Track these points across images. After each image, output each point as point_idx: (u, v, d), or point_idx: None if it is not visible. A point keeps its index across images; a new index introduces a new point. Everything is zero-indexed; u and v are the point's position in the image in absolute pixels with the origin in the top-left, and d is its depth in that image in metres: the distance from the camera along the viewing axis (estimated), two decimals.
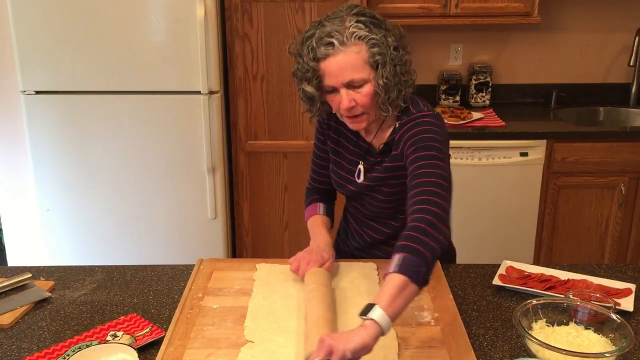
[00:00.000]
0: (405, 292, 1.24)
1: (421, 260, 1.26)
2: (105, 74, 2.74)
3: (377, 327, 1.19)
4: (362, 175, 1.67)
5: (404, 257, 1.27)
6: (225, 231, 2.98)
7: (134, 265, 1.78)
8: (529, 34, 3.45)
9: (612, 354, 1.25)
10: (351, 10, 1.50)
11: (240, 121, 2.98)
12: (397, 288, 1.23)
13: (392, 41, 1.49)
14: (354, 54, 1.46)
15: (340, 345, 1.15)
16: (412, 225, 1.32)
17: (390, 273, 1.26)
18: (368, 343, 1.18)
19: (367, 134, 1.67)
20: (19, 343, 1.42)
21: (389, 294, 1.23)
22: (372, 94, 1.49)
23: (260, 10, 2.83)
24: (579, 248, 3.18)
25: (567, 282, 1.63)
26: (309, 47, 1.48)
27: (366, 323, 1.20)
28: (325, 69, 1.48)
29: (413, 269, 1.25)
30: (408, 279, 1.24)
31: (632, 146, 3.01)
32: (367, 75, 1.48)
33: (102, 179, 2.88)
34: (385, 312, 1.20)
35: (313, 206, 1.83)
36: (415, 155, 1.47)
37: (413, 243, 1.28)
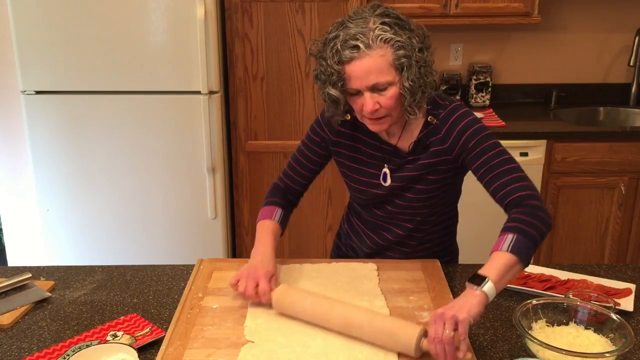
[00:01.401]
0: (513, 270, 1.35)
1: (530, 242, 1.36)
2: (105, 74, 2.74)
3: (485, 297, 1.29)
4: (389, 177, 1.64)
5: (516, 237, 1.36)
6: (225, 231, 2.98)
7: (134, 265, 1.78)
8: (529, 34, 3.45)
9: (612, 354, 1.25)
10: (374, 11, 1.46)
11: (240, 121, 2.98)
12: (506, 266, 1.33)
13: (417, 42, 1.46)
14: (380, 57, 1.42)
15: (464, 313, 1.24)
16: (522, 210, 1.41)
17: (501, 251, 1.35)
18: (482, 311, 1.29)
19: (390, 137, 1.64)
20: (19, 343, 1.42)
21: (500, 270, 1.32)
22: (397, 97, 1.47)
23: (260, 10, 2.83)
24: (578, 248, 3.18)
25: (567, 282, 1.63)
26: (334, 50, 1.44)
27: (478, 294, 1.29)
28: (350, 72, 1.44)
29: (523, 250, 1.35)
30: (517, 259, 1.34)
31: (632, 146, 3.01)
32: (392, 78, 1.44)
33: (102, 179, 2.88)
34: (494, 285, 1.31)
35: (270, 209, 1.76)
36: (480, 149, 1.52)
37: (524, 225, 1.37)
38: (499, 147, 1.52)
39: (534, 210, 1.41)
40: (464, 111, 1.57)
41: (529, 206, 1.42)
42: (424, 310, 1.49)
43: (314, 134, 1.73)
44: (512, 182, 1.47)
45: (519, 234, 1.36)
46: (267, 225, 1.71)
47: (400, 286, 1.60)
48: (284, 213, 1.76)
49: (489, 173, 1.50)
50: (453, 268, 1.75)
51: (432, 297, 1.55)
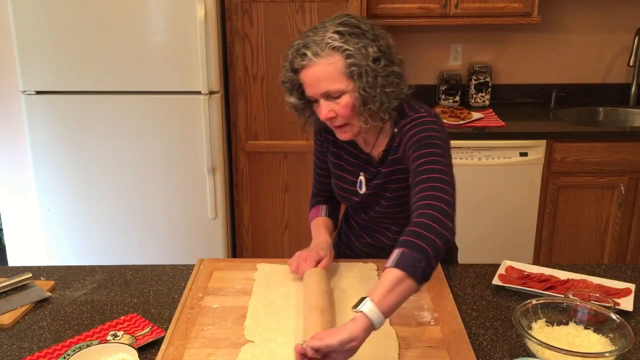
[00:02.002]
0: (401, 287, 1.22)
1: (421, 256, 1.24)
2: (105, 74, 2.74)
3: (366, 320, 1.19)
4: (364, 186, 1.67)
5: (402, 252, 1.25)
6: (225, 231, 2.98)
7: (134, 265, 1.78)
8: (529, 34, 3.45)
9: (611, 353, 1.25)
10: (337, 20, 1.48)
11: (240, 121, 2.98)
12: (391, 283, 1.22)
13: (373, 52, 1.45)
14: (328, 65, 1.44)
15: (329, 337, 1.16)
16: (415, 221, 1.31)
17: (388, 267, 1.25)
18: (357, 335, 1.17)
19: (366, 145, 1.66)
20: (19, 343, 1.43)
21: (383, 288, 1.22)
22: (351, 105, 1.47)
23: (260, 10, 2.83)
24: (578, 248, 3.18)
25: (566, 282, 1.63)
26: (288, 58, 1.50)
27: (357, 316, 1.20)
28: (304, 80, 1.48)
29: (411, 264, 1.23)
30: (405, 274, 1.22)
31: (631, 146, 3.01)
32: (344, 86, 1.45)
33: (102, 179, 2.88)
34: (376, 306, 1.20)
35: (316, 208, 1.84)
36: (417, 154, 1.46)
37: (414, 238, 1.26)
38: (436, 156, 1.44)
39: (429, 221, 1.29)
40: (423, 120, 1.53)
41: (426, 216, 1.30)
42: (424, 310, 1.49)
43: (315, 144, 1.79)
44: (423, 191, 1.37)
45: (407, 247, 1.25)
46: (317, 221, 1.80)
47: None
48: (330, 207, 1.84)
49: (413, 179, 1.43)
50: (453, 268, 1.75)
51: (432, 297, 1.55)
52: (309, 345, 1.15)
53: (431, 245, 1.26)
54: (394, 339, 1.37)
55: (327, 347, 1.15)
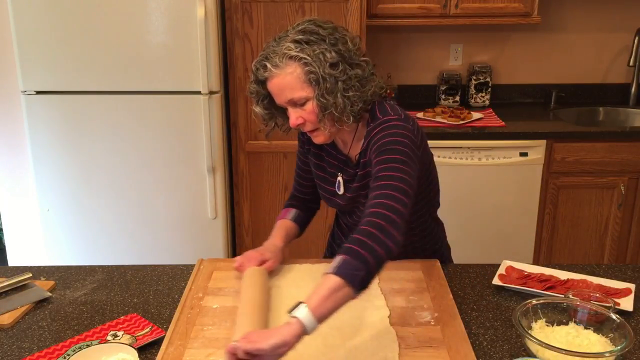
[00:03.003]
0: (339, 294, 1.22)
1: (361, 264, 1.23)
2: (105, 74, 2.74)
3: (300, 326, 1.19)
4: (342, 187, 1.67)
5: (344, 259, 1.24)
6: (225, 231, 2.98)
7: (134, 265, 1.78)
8: (529, 34, 3.45)
9: (611, 353, 1.25)
10: (298, 27, 1.49)
11: (240, 121, 2.98)
12: (330, 289, 1.22)
13: (331, 57, 1.45)
14: (288, 74, 1.46)
15: (261, 340, 1.16)
16: (361, 229, 1.29)
17: (327, 274, 1.24)
18: (288, 341, 1.18)
19: (344, 146, 1.66)
20: (19, 343, 1.43)
21: (321, 294, 1.21)
22: (315, 112, 1.49)
23: (260, 11, 2.83)
24: (578, 248, 3.18)
25: (566, 282, 1.63)
26: (252, 70, 1.52)
27: (291, 321, 1.20)
28: (270, 90, 1.51)
29: (351, 272, 1.23)
30: (344, 282, 1.22)
31: (631, 146, 3.01)
32: (307, 93, 1.47)
33: (102, 179, 2.88)
34: (312, 312, 1.20)
35: (286, 210, 1.85)
36: (378, 159, 1.44)
37: (357, 246, 1.25)
38: (397, 163, 1.41)
39: (374, 230, 1.27)
40: (388, 125, 1.50)
41: (372, 225, 1.28)
42: (424, 310, 1.49)
43: (299, 145, 1.80)
44: (377, 198, 1.35)
45: (349, 255, 1.24)
46: (280, 223, 1.81)
47: (400, 286, 1.60)
48: (300, 212, 1.84)
49: (372, 184, 1.41)
50: (453, 268, 1.75)
51: (432, 297, 1.55)
52: (239, 348, 1.15)
53: (373, 254, 1.25)
54: (394, 339, 1.38)
55: (258, 350, 1.15)
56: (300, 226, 1.84)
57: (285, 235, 1.76)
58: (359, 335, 1.39)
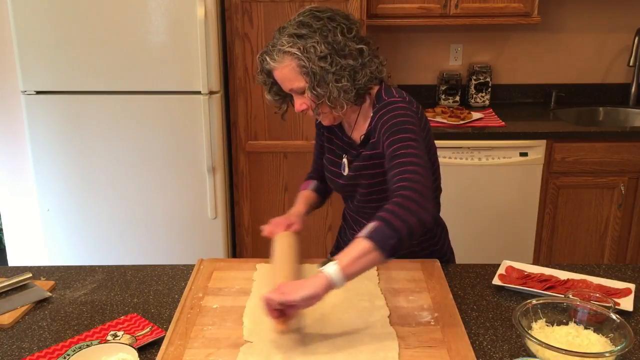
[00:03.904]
0: (368, 257, 1.32)
1: (393, 232, 1.32)
2: (105, 74, 2.74)
3: (328, 280, 1.30)
4: (347, 168, 1.74)
5: (377, 226, 1.33)
6: (225, 231, 2.98)
7: (134, 265, 1.78)
8: (529, 34, 3.45)
9: (611, 353, 1.25)
10: (297, 19, 1.56)
11: (240, 121, 2.98)
12: (360, 252, 1.32)
13: (321, 50, 1.51)
14: (285, 67, 1.55)
15: (292, 292, 1.30)
16: (394, 201, 1.38)
17: (361, 237, 1.33)
18: (318, 293, 1.30)
19: (349, 128, 1.73)
20: (19, 343, 1.43)
21: (352, 255, 1.32)
22: (311, 101, 1.58)
23: (260, 10, 2.83)
24: (578, 248, 3.18)
25: (566, 282, 1.63)
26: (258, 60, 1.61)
27: (320, 275, 1.31)
28: (276, 78, 1.60)
29: (382, 238, 1.32)
30: (374, 246, 1.32)
31: (631, 146, 3.01)
32: (304, 84, 1.56)
33: (102, 179, 2.88)
34: (341, 269, 1.31)
35: (307, 182, 1.95)
36: (390, 140, 1.52)
37: (389, 215, 1.34)
38: (409, 141, 1.50)
39: (405, 201, 1.36)
40: (395, 105, 1.58)
41: (402, 197, 1.37)
42: (424, 310, 1.49)
43: (316, 125, 1.87)
44: (397, 175, 1.44)
45: (382, 222, 1.34)
46: (301, 193, 1.91)
47: (400, 286, 1.60)
48: (318, 183, 1.92)
49: (389, 164, 1.50)
50: (453, 268, 1.75)
51: (432, 297, 1.55)
52: (273, 299, 1.30)
53: (405, 224, 1.33)
54: (394, 339, 1.38)
55: (290, 301, 1.29)
56: (321, 195, 1.93)
57: (307, 204, 1.87)
58: (359, 335, 1.39)
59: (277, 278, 1.49)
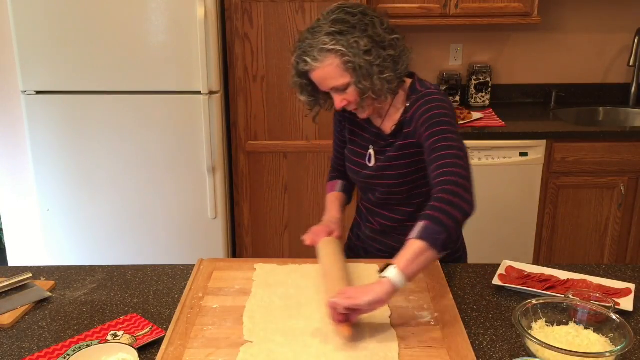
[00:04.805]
0: (424, 256, 1.38)
1: (441, 228, 1.38)
2: (105, 74, 2.74)
3: (391, 285, 1.35)
4: (373, 159, 1.74)
5: (425, 225, 1.39)
6: (225, 231, 2.98)
7: (134, 265, 1.78)
8: (529, 34, 3.45)
9: (611, 353, 1.25)
10: (330, 17, 1.57)
11: (240, 121, 2.98)
12: (415, 253, 1.37)
13: (364, 45, 1.53)
14: (328, 66, 1.55)
15: (358, 296, 1.34)
16: (437, 196, 1.42)
17: (412, 239, 1.38)
18: (382, 298, 1.34)
19: (377, 120, 1.74)
20: (19, 343, 1.43)
21: (407, 257, 1.37)
22: (356, 95, 1.59)
23: (260, 11, 2.83)
24: (578, 248, 3.18)
25: (566, 282, 1.63)
26: (294, 64, 1.62)
27: (382, 280, 1.36)
28: (313, 79, 1.61)
29: (433, 236, 1.37)
30: (427, 245, 1.37)
31: (631, 146, 3.01)
32: (347, 80, 1.57)
33: (102, 179, 2.88)
34: (401, 272, 1.35)
35: (333, 183, 1.95)
36: (430, 132, 1.55)
37: (436, 212, 1.39)
38: (449, 133, 1.54)
39: (448, 195, 1.41)
40: (432, 97, 1.62)
41: (445, 192, 1.43)
42: (424, 310, 1.49)
43: (335, 121, 1.89)
44: (441, 167, 1.48)
45: (429, 221, 1.39)
46: (331, 196, 1.92)
47: None
48: (345, 182, 1.94)
49: (429, 156, 1.53)
50: (453, 268, 1.75)
51: (432, 297, 1.55)
52: (339, 303, 1.33)
53: (452, 218, 1.39)
54: (394, 339, 1.38)
55: (356, 305, 1.33)
56: (348, 194, 1.95)
57: (340, 206, 1.89)
58: (359, 335, 1.39)
59: (331, 284, 1.51)
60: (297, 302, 1.53)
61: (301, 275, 1.67)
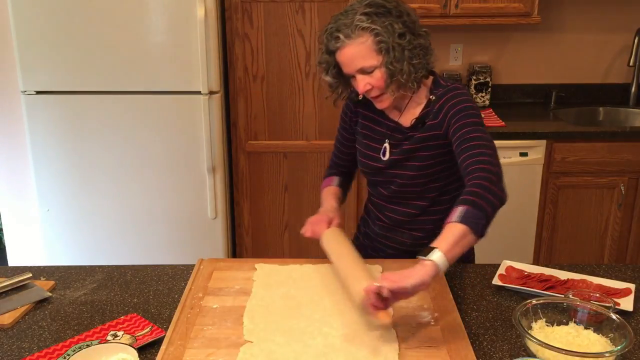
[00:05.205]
0: (464, 240, 1.38)
1: (481, 213, 1.39)
2: (105, 74, 2.74)
3: (435, 267, 1.33)
4: (388, 152, 1.74)
5: (466, 209, 1.39)
6: (225, 231, 2.98)
7: (134, 265, 1.78)
8: (529, 34, 3.45)
9: (611, 353, 1.25)
10: (364, 1, 1.59)
11: (240, 121, 2.98)
12: (456, 236, 1.36)
13: (399, 28, 1.56)
14: (360, 44, 1.56)
15: (402, 280, 1.31)
16: (474, 183, 1.44)
17: (452, 222, 1.38)
18: (426, 280, 1.32)
19: (394, 113, 1.74)
20: (19, 343, 1.43)
21: (450, 240, 1.36)
22: (385, 78, 1.59)
23: (260, 10, 2.83)
24: (578, 248, 3.18)
25: (566, 282, 1.63)
26: (324, 42, 1.63)
27: (426, 263, 1.34)
28: (340, 60, 1.62)
29: (474, 221, 1.38)
30: (468, 229, 1.37)
31: (631, 146, 3.01)
32: (376, 62, 1.58)
33: (102, 179, 2.88)
34: (444, 255, 1.34)
35: (329, 179, 1.95)
36: (462, 122, 1.58)
37: (475, 197, 1.40)
38: (479, 125, 1.59)
39: (486, 183, 1.44)
40: (460, 92, 1.66)
41: (481, 178, 1.45)
42: (424, 310, 1.49)
43: (342, 114, 1.88)
44: (474, 156, 1.51)
45: (470, 205, 1.40)
46: (327, 190, 1.91)
47: None
48: (342, 179, 1.95)
49: (460, 146, 1.56)
50: (453, 268, 1.75)
51: (432, 297, 1.55)
52: (384, 287, 1.30)
53: (490, 204, 1.41)
54: (394, 339, 1.37)
55: (401, 289, 1.31)
56: (344, 191, 1.95)
57: (337, 198, 1.88)
58: (359, 335, 1.39)
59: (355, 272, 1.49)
60: (297, 302, 1.53)
61: (302, 276, 1.67)
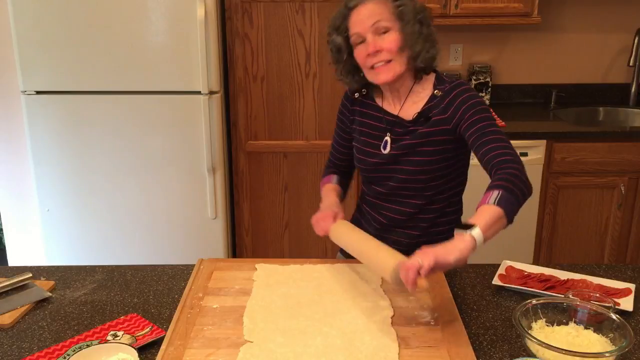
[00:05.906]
0: (498, 223, 1.39)
1: (514, 199, 1.41)
2: (105, 74, 2.74)
3: (474, 242, 1.34)
4: (389, 146, 1.73)
5: (501, 193, 1.41)
6: (225, 231, 2.98)
7: (134, 265, 1.78)
8: (529, 34, 3.45)
9: (611, 353, 1.25)
10: None
11: (240, 121, 2.98)
12: (494, 217, 1.38)
13: (418, 5, 1.64)
14: (381, 3, 1.61)
15: (445, 255, 1.31)
16: (506, 172, 1.46)
17: (488, 204, 1.40)
18: (465, 255, 1.33)
19: (394, 107, 1.74)
20: (19, 343, 1.43)
21: (488, 219, 1.37)
22: (397, 42, 1.61)
23: (260, 11, 2.83)
24: (578, 248, 3.18)
25: (566, 282, 1.63)
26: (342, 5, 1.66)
27: (466, 238, 1.34)
28: (355, 18, 1.62)
29: (509, 205, 1.40)
30: (503, 213, 1.39)
31: (631, 146, 3.01)
32: (391, 24, 1.61)
33: (102, 179, 2.88)
34: (483, 233, 1.35)
35: (328, 177, 1.94)
36: (477, 117, 1.59)
37: (509, 184, 1.42)
38: (492, 120, 1.61)
39: (516, 173, 1.46)
40: (467, 87, 1.68)
41: (512, 168, 1.47)
42: (424, 310, 1.49)
43: (339, 113, 1.89)
44: (498, 149, 1.53)
45: (504, 190, 1.41)
46: (326, 187, 1.90)
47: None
48: (341, 177, 1.94)
49: (479, 139, 1.57)
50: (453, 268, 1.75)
51: (432, 297, 1.55)
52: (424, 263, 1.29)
53: (522, 193, 1.44)
54: (394, 339, 1.37)
55: (443, 265, 1.31)
56: (343, 189, 1.93)
57: (337, 195, 1.87)
58: (359, 335, 1.39)
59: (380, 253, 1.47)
60: (297, 302, 1.53)
61: (302, 276, 1.67)
